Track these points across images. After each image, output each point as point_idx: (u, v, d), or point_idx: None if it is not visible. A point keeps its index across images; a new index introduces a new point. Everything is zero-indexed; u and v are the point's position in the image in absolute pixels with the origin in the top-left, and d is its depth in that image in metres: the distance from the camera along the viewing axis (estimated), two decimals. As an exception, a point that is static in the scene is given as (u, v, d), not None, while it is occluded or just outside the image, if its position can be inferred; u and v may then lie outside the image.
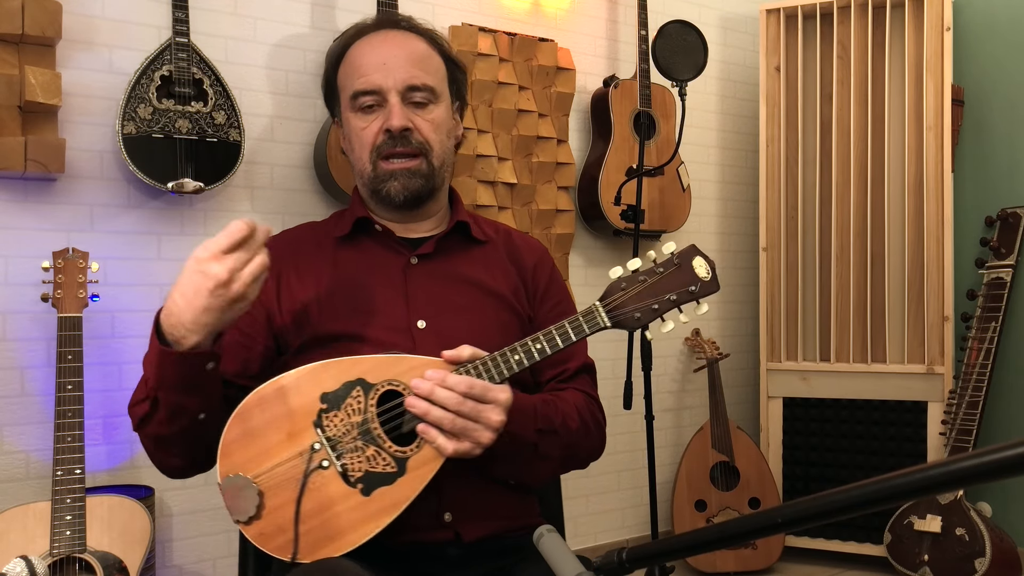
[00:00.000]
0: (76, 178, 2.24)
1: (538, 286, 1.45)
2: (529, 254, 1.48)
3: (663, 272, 1.24)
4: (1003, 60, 3.18)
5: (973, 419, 2.84)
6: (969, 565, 2.71)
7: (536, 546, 0.80)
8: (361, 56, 1.38)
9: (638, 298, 1.23)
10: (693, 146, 3.36)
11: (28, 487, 2.17)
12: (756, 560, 3.04)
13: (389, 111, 1.35)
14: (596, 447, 1.42)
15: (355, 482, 1.17)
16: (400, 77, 1.35)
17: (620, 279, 1.24)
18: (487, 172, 2.76)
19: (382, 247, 1.40)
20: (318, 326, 1.31)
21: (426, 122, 1.37)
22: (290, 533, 1.16)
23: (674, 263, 1.24)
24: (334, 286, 1.35)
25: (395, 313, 1.33)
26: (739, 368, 3.52)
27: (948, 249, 2.96)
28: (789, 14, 3.20)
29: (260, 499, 1.17)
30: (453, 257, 1.42)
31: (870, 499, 0.59)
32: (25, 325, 2.18)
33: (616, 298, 1.23)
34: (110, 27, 2.29)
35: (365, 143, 1.37)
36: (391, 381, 1.20)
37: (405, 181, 1.35)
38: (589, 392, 1.43)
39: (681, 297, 1.24)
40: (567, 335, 1.22)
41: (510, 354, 1.21)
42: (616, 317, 1.22)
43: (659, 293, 1.23)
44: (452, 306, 1.36)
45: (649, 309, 1.23)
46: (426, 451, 1.18)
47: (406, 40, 1.40)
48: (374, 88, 1.35)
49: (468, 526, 1.27)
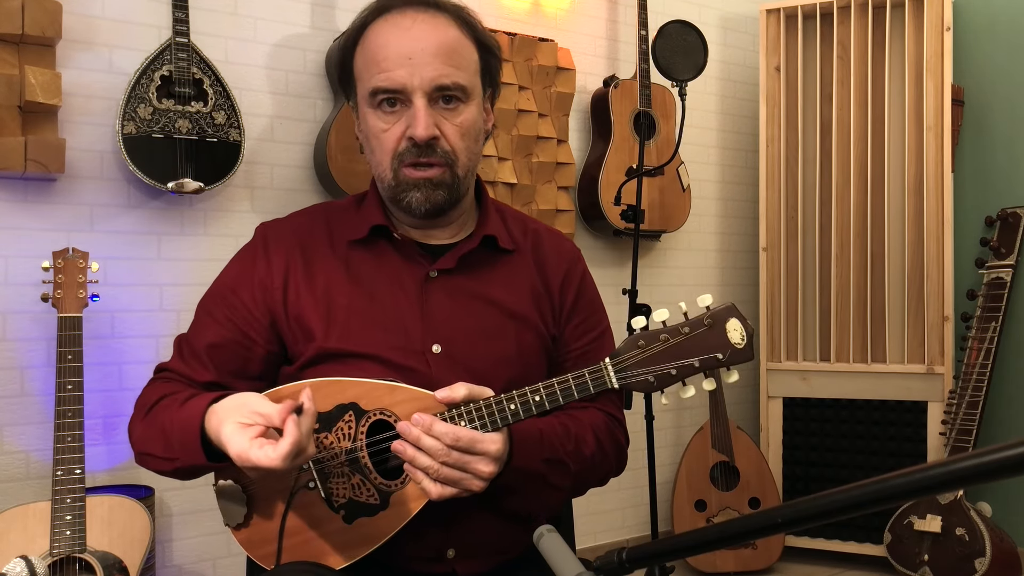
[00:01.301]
0: (76, 178, 2.24)
1: (565, 302, 1.35)
2: (558, 264, 1.36)
3: (688, 333, 1.10)
4: (1003, 60, 3.17)
5: (973, 419, 2.84)
6: (969, 565, 2.71)
7: (536, 546, 0.80)
8: (383, 44, 1.21)
9: (655, 360, 1.10)
10: (693, 146, 3.36)
11: (28, 487, 2.17)
12: (756, 560, 3.04)
13: (414, 116, 1.20)
14: (613, 470, 1.33)
15: (338, 508, 1.15)
16: (427, 76, 1.19)
17: (639, 334, 1.10)
18: (487, 172, 2.76)
19: (400, 255, 1.29)
20: (327, 340, 1.22)
21: (454, 127, 1.22)
22: (274, 544, 1.17)
23: (704, 323, 1.10)
24: (346, 298, 1.25)
25: (410, 334, 1.24)
26: (739, 368, 3.51)
27: (948, 249, 2.96)
28: (789, 14, 3.20)
29: (249, 508, 1.18)
30: (475, 273, 1.30)
31: (870, 499, 0.59)
32: (25, 325, 2.18)
33: (630, 357, 1.10)
34: (110, 27, 2.29)
35: (386, 148, 1.23)
36: (383, 411, 1.15)
37: (427, 193, 1.22)
38: (612, 412, 1.34)
39: (705, 364, 1.10)
40: (569, 391, 1.12)
41: (506, 403, 1.11)
42: (626, 379, 1.10)
43: (680, 356, 1.10)
44: (470, 330, 1.26)
45: (666, 374, 1.10)
46: (411, 488, 1.14)
47: (435, 27, 1.22)
48: (397, 87, 1.20)
49: (468, 563, 1.24)
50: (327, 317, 1.23)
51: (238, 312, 1.25)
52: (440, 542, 1.22)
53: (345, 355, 1.22)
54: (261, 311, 1.25)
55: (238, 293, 1.26)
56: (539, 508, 1.25)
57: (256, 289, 1.26)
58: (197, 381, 1.24)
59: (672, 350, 1.10)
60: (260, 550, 1.18)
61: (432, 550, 1.21)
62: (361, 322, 1.23)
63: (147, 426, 1.21)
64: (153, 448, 1.19)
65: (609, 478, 1.34)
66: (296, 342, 1.25)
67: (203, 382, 1.24)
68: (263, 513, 1.18)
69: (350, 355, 1.22)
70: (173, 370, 1.27)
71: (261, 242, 1.30)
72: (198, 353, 1.25)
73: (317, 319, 1.23)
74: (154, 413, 1.21)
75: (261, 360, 1.26)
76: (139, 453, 1.22)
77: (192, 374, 1.25)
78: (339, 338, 1.22)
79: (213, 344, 1.24)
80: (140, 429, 1.23)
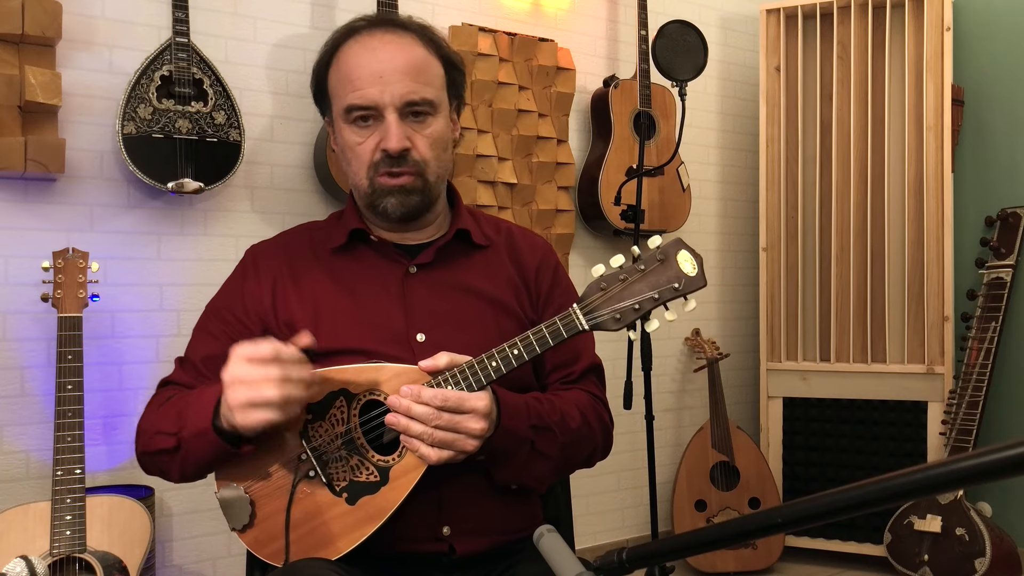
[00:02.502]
0: (76, 178, 2.24)
1: (541, 289, 1.42)
2: (531, 255, 1.44)
3: (644, 269, 1.17)
4: (1003, 60, 3.18)
5: (973, 419, 2.84)
6: (969, 565, 2.71)
7: (536, 546, 0.80)
8: (355, 64, 1.31)
9: (618, 298, 1.17)
10: (693, 146, 3.36)
11: (28, 487, 2.17)
12: (756, 560, 3.04)
13: (386, 130, 1.29)
14: (601, 447, 1.40)
15: (340, 491, 1.19)
16: (398, 92, 1.28)
17: (600, 279, 1.18)
18: (487, 172, 2.76)
19: (379, 256, 1.38)
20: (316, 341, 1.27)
21: (424, 138, 1.32)
22: (281, 541, 1.19)
23: (657, 259, 1.17)
24: (332, 300, 1.32)
25: (394, 326, 1.31)
26: (739, 368, 3.52)
27: (948, 249, 2.96)
28: (789, 14, 3.20)
29: (252, 508, 1.20)
30: (453, 265, 1.38)
31: (870, 499, 0.59)
32: (25, 325, 2.18)
33: (595, 299, 1.17)
34: (110, 27, 2.29)
35: (362, 160, 1.32)
36: (372, 391, 1.20)
37: (402, 198, 1.31)
38: (595, 392, 1.40)
39: (664, 295, 1.16)
40: (544, 340, 1.18)
41: (487, 360, 1.18)
42: (595, 319, 1.17)
43: (640, 292, 1.16)
44: (452, 318, 1.33)
45: (630, 309, 1.16)
46: (408, 460, 1.18)
47: (402, 46, 1.32)
48: (370, 104, 1.29)
49: (464, 540, 1.27)
50: (315, 319, 1.30)
51: (232, 325, 1.33)
52: (435, 519, 1.25)
53: (334, 353, 1.27)
54: (253, 321, 1.32)
55: (231, 308, 1.35)
56: (530, 480, 1.30)
57: (248, 302, 1.34)
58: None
59: (632, 287, 1.17)
60: (267, 548, 1.21)
61: (428, 528, 1.25)
62: (348, 321, 1.31)
63: (160, 412, 1.27)
64: (164, 425, 1.24)
65: (596, 458, 1.40)
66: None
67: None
68: (267, 511, 1.21)
69: (339, 352, 1.27)
70: (176, 382, 1.33)
71: (251, 261, 1.40)
72: (196, 365, 1.32)
73: (306, 322, 1.29)
74: (169, 403, 1.28)
75: None
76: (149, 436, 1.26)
77: (194, 384, 1.30)
78: (328, 337, 1.27)
79: (208, 356, 1.31)
80: (152, 418, 1.28)
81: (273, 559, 1.21)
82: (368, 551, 1.19)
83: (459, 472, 1.22)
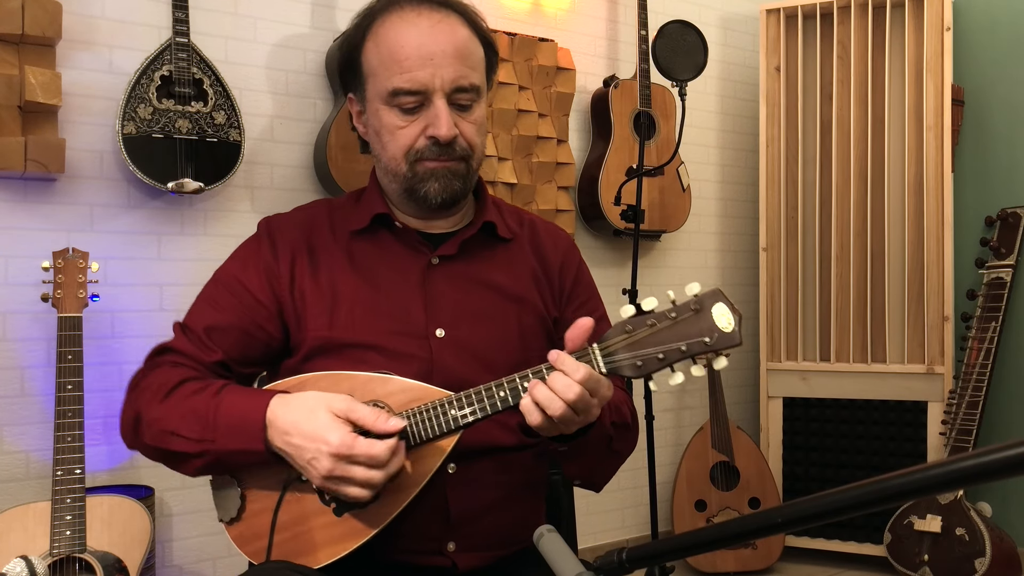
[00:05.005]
0: (76, 178, 2.24)
1: (564, 286, 1.38)
2: (555, 251, 1.39)
3: (676, 317, 1.07)
4: (1003, 60, 3.18)
5: (973, 419, 2.84)
6: (969, 565, 2.71)
7: (536, 546, 0.80)
8: (403, 43, 1.22)
9: (642, 344, 1.08)
10: (693, 146, 3.36)
11: (28, 487, 2.17)
12: (756, 560, 3.04)
13: (435, 116, 1.22)
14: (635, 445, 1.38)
15: (329, 500, 1.15)
16: (448, 77, 1.21)
17: (627, 320, 1.09)
18: (487, 172, 2.76)
19: (401, 244, 1.31)
20: (331, 331, 1.24)
21: (470, 125, 1.26)
22: (265, 540, 1.16)
23: (691, 308, 1.07)
24: (350, 287, 1.27)
25: (413, 319, 1.26)
26: (739, 368, 3.52)
27: (948, 249, 2.96)
28: (789, 14, 3.20)
29: (242, 502, 1.18)
30: (476, 258, 1.32)
31: (870, 499, 0.59)
32: (25, 325, 2.18)
33: (617, 341, 1.08)
34: (110, 27, 2.29)
35: (400, 144, 1.25)
36: (376, 402, 1.16)
37: (445, 183, 1.25)
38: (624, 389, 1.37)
39: (692, 348, 1.07)
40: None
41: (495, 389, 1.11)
42: (613, 363, 1.08)
43: (668, 341, 1.07)
44: (473, 314, 1.28)
45: (653, 358, 1.07)
46: (402, 479, 1.13)
47: (451, 27, 1.24)
48: (420, 88, 1.21)
49: (467, 557, 1.24)
50: (332, 306, 1.25)
51: (242, 298, 1.26)
52: (441, 535, 1.22)
53: (347, 346, 1.23)
54: (268, 298, 1.26)
55: (243, 281, 1.27)
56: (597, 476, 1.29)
57: (263, 276, 1.27)
58: (205, 362, 1.23)
59: (659, 335, 1.08)
60: (250, 545, 1.19)
61: (433, 542, 1.22)
62: (364, 311, 1.25)
63: (170, 407, 1.18)
64: (182, 428, 1.16)
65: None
66: (304, 330, 1.26)
67: (211, 362, 1.23)
68: (256, 507, 1.18)
69: (352, 345, 1.23)
70: (180, 351, 1.25)
71: (266, 233, 1.32)
72: (199, 335, 1.25)
73: (322, 310, 1.25)
74: (178, 396, 1.19)
75: (263, 345, 1.27)
76: (158, 431, 1.18)
77: (200, 354, 1.24)
78: (343, 328, 1.24)
79: (212, 326, 1.25)
80: (159, 410, 1.19)
81: (254, 557, 1.18)
82: (367, 557, 1.16)
83: (470, 487, 1.20)
